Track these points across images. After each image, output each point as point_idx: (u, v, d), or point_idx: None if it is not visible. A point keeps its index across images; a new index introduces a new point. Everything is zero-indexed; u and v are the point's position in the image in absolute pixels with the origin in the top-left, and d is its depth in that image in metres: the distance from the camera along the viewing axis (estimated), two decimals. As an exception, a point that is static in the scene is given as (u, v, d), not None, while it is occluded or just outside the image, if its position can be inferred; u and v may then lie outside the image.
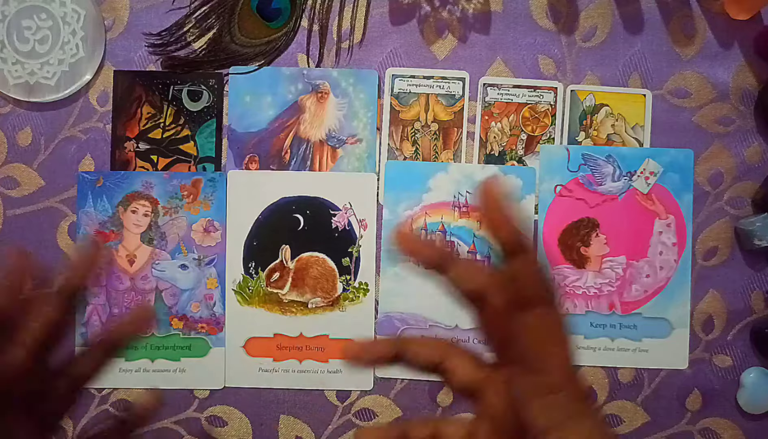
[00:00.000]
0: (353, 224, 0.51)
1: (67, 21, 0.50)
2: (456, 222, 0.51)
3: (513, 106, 0.52)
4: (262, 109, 0.51)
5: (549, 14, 0.52)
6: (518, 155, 0.52)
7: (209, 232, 0.51)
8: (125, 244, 0.51)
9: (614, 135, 0.52)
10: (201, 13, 0.51)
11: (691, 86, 0.52)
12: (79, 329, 0.51)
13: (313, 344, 0.51)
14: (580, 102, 0.52)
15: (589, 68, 0.52)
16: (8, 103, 0.51)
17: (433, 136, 0.52)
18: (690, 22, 0.52)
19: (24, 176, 0.51)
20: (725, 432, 0.52)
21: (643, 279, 0.51)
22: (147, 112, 0.51)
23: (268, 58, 0.51)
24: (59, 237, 0.51)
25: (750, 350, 0.52)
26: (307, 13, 0.51)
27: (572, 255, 0.51)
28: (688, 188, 0.52)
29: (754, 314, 0.52)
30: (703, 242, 0.52)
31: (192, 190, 0.51)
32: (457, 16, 0.52)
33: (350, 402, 0.51)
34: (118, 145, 0.51)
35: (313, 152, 0.51)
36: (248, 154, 0.51)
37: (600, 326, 0.51)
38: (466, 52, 0.52)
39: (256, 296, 0.51)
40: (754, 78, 0.52)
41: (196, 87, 0.51)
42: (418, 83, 0.51)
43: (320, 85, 0.51)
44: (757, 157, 0.52)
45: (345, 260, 0.51)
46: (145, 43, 0.51)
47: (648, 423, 0.51)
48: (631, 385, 0.51)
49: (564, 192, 0.52)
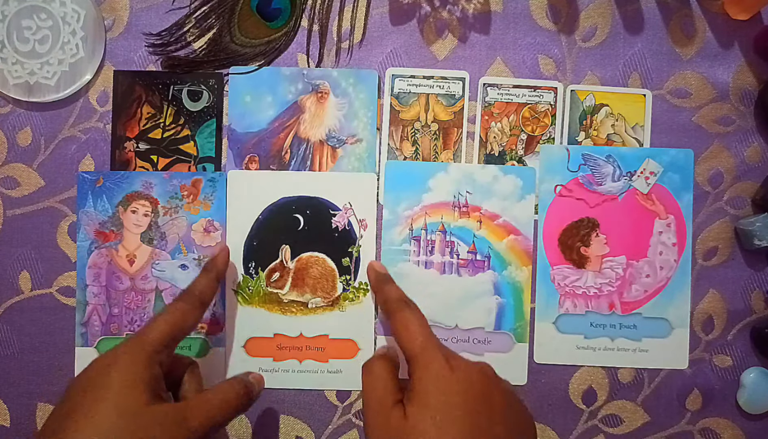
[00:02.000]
0: (353, 224, 0.51)
1: (67, 21, 0.50)
2: (456, 222, 0.51)
3: (513, 106, 0.52)
4: (262, 109, 0.51)
5: (549, 14, 0.52)
6: (518, 155, 0.52)
7: (209, 232, 0.51)
8: (125, 244, 0.51)
9: (614, 135, 0.52)
10: (201, 13, 0.51)
11: (691, 86, 0.52)
12: (79, 329, 0.51)
13: (313, 344, 0.51)
14: (580, 102, 0.52)
15: (589, 68, 0.52)
16: (8, 103, 0.51)
17: (433, 136, 0.52)
18: (690, 22, 0.52)
19: (24, 176, 0.51)
20: (725, 432, 0.52)
21: (643, 279, 0.51)
22: (147, 112, 0.51)
23: (268, 58, 0.51)
24: (59, 237, 0.51)
25: (750, 350, 0.52)
26: (307, 13, 0.51)
27: (572, 255, 0.51)
28: (688, 188, 0.52)
29: (754, 314, 0.52)
30: (703, 242, 0.52)
31: (192, 190, 0.51)
32: (457, 16, 0.52)
33: (350, 402, 0.51)
34: (118, 145, 0.51)
35: (313, 152, 0.51)
36: (248, 154, 0.51)
37: (600, 326, 0.51)
38: (466, 52, 0.52)
39: (256, 296, 0.51)
40: (754, 78, 0.52)
41: (196, 87, 0.51)
42: (418, 83, 0.51)
43: (320, 85, 0.51)
44: (757, 157, 0.52)
45: (345, 260, 0.51)
46: (145, 43, 0.51)
47: (648, 423, 0.52)
48: (631, 385, 0.51)
49: (564, 192, 0.52)
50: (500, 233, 0.51)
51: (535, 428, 0.39)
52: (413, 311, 0.41)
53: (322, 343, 0.51)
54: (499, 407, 0.37)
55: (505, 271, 0.51)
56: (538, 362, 0.51)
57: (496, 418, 0.36)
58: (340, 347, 0.51)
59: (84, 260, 0.51)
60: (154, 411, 0.37)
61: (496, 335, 0.51)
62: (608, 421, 0.52)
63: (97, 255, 0.51)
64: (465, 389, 0.36)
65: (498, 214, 0.51)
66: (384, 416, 0.37)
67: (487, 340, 0.51)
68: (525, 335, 0.51)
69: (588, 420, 0.52)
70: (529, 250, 0.51)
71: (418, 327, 0.40)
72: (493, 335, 0.51)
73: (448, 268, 0.51)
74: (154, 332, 0.40)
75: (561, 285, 0.51)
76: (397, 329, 0.41)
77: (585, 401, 0.52)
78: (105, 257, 0.51)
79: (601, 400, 0.51)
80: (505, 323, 0.51)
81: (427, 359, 0.38)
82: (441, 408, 0.35)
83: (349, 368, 0.51)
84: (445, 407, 0.35)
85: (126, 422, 0.35)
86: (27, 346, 0.51)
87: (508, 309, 0.51)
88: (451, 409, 0.35)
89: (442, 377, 0.37)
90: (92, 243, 0.51)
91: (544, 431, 0.51)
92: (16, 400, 0.51)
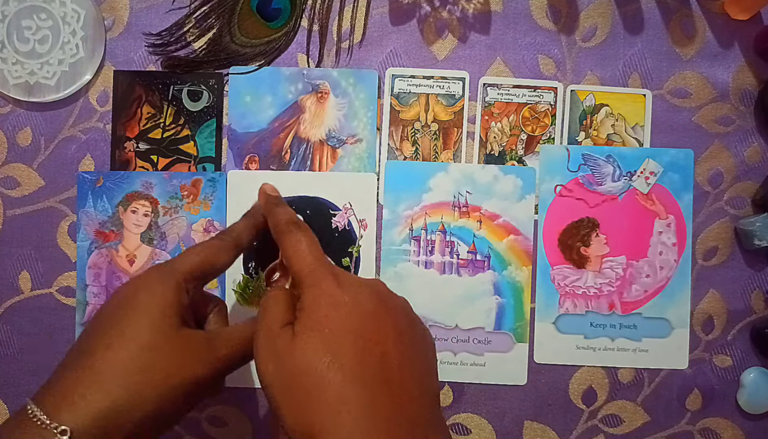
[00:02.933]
0: (353, 224, 0.51)
1: (67, 21, 0.50)
2: (456, 222, 0.51)
3: (513, 106, 0.52)
4: (262, 109, 0.51)
5: (549, 14, 0.52)
6: (518, 155, 0.52)
7: (209, 232, 0.51)
8: (125, 244, 0.51)
9: (614, 135, 0.52)
10: (201, 13, 0.51)
11: (691, 86, 0.52)
12: (79, 329, 0.51)
13: (313, 344, 0.51)
14: (580, 102, 0.52)
15: (589, 68, 0.52)
16: (8, 103, 0.51)
17: (433, 136, 0.52)
18: (690, 22, 0.52)
19: (24, 176, 0.51)
20: (725, 432, 0.52)
21: (643, 279, 0.51)
22: (147, 112, 0.51)
23: (268, 58, 0.51)
24: (59, 237, 0.51)
25: (750, 350, 0.52)
26: (307, 13, 0.51)
27: (572, 255, 0.51)
28: (688, 188, 0.52)
29: (754, 314, 0.52)
30: (703, 242, 0.52)
31: (192, 190, 0.51)
32: (457, 16, 0.52)
33: (350, 402, 0.51)
34: (118, 145, 0.51)
35: (313, 152, 0.51)
36: (248, 154, 0.51)
37: (600, 326, 0.51)
38: (466, 52, 0.52)
39: (256, 296, 0.51)
40: (754, 78, 0.52)
41: (196, 87, 0.51)
42: (418, 83, 0.51)
43: (320, 85, 0.51)
44: (757, 157, 0.52)
45: (345, 260, 0.51)
46: (145, 43, 0.51)
47: (648, 423, 0.52)
48: (631, 385, 0.51)
49: (564, 192, 0.52)
50: (500, 233, 0.51)
51: (434, 345, 0.38)
52: (304, 233, 0.39)
53: (322, 343, 0.51)
54: (391, 325, 0.35)
55: (505, 271, 0.51)
56: (538, 362, 0.51)
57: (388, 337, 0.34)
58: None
59: (84, 260, 0.51)
60: (184, 335, 0.36)
61: (496, 335, 0.51)
62: (608, 421, 0.52)
63: (97, 255, 0.51)
64: (354, 306, 0.34)
65: (498, 214, 0.51)
66: (271, 339, 0.35)
67: (487, 340, 0.51)
68: (525, 335, 0.51)
69: (588, 420, 0.52)
70: (529, 250, 0.51)
71: (307, 247, 0.38)
72: (493, 335, 0.51)
73: (448, 268, 0.51)
74: (184, 262, 0.39)
75: (561, 285, 0.51)
76: (286, 252, 0.39)
77: (585, 401, 0.52)
78: (105, 257, 0.51)
79: (601, 400, 0.51)
80: (505, 323, 0.51)
81: (316, 278, 0.36)
82: (330, 325, 0.33)
83: None
84: (334, 323, 0.34)
85: (158, 341, 0.35)
86: (27, 346, 0.51)
87: (508, 309, 0.51)
88: (340, 326, 0.34)
89: (331, 295, 0.35)
90: (92, 243, 0.51)
91: (544, 431, 0.51)
92: (16, 400, 0.51)
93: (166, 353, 0.35)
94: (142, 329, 0.35)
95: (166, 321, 0.36)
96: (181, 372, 0.35)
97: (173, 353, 0.35)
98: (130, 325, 0.36)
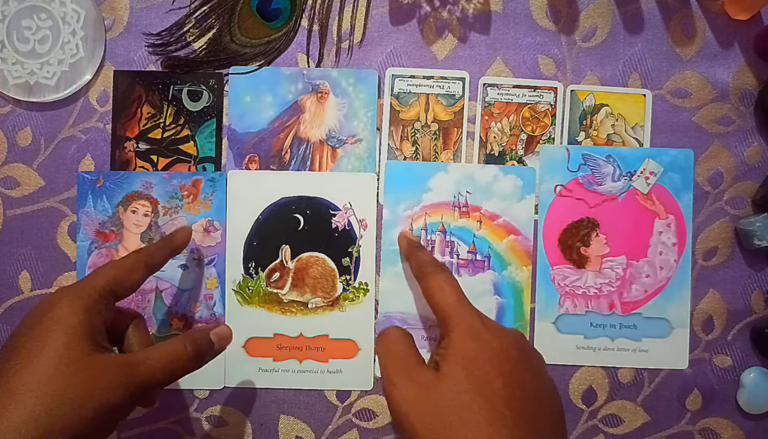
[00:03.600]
0: (353, 224, 0.51)
1: (67, 21, 0.50)
2: (456, 222, 0.51)
3: (513, 106, 0.52)
4: (262, 109, 0.51)
5: (549, 14, 0.52)
6: (518, 155, 0.52)
7: (209, 232, 0.51)
8: (125, 244, 0.51)
9: (614, 135, 0.52)
10: (201, 13, 0.51)
11: (691, 86, 0.52)
12: (79, 329, 0.51)
13: (313, 344, 0.51)
14: (580, 102, 0.52)
15: (589, 68, 0.52)
16: (8, 103, 0.51)
17: (433, 136, 0.52)
18: (690, 22, 0.52)
19: (24, 176, 0.51)
20: (725, 432, 0.52)
21: (643, 279, 0.51)
22: (147, 112, 0.51)
23: (268, 58, 0.51)
24: (59, 237, 0.51)
25: (750, 350, 0.52)
26: (307, 13, 0.51)
27: (572, 255, 0.51)
28: (688, 188, 0.52)
29: (754, 314, 0.52)
30: (703, 242, 0.52)
31: (192, 190, 0.51)
32: (457, 16, 0.52)
33: (350, 402, 0.51)
34: (118, 145, 0.51)
35: (313, 152, 0.51)
36: (248, 154, 0.51)
37: (600, 326, 0.51)
38: (466, 52, 0.52)
39: (256, 296, 0.51)
40: (754, 78, 0.52)
41: (196, 87, 0.51)
42: (418, 83, 0.51)
43: (320, 85, 0.51)
44: (757, 157, 0.52)
45: (345, 260, 0.51)
46: (145, 43, 0.51)
47: (648, 423, 0.52)
48: (631, 385, 0.51)
49: (564, 192, 0.52)
50: (500, 232, 0.51)
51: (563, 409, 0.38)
52: (447, 274, 0.41)
53: (322, 343, 0.51)
54: (533, 377, 0.36)
55: (505, 271, 0.51)
56: (538, 362, 0.51)
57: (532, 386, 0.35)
58: (340, 347, 0.51)
59: (84, 260, 0.51)
60: (95, 360, 0.35)
61: (496, 335, 0.51)
62: (608, 421, 0.52)
63: (97, 255, 0.51)
64: (502, 351, 0.36)
65: (498, 214, 0.51)
66: (409, 374, 0.36)
67: (487, 340, 0.51)
68: (525, 335, 0.51)
69: (588, 420, 0.52)
70: (529, 250, 0.51)
71: (451, 287, 0.39)
72: (493, 335, 0.51)
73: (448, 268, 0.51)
74: (95, 282, 0.38)
75: (561, 285, 0.51)
76: (430, 291, 0.40)
77: (585, 401, 0.52)
78: (105, 257, 0.51)
79: (601, 400, 0.51)
80: (505, 323, 0.51)
81: (461, 316, 0.37)
82: (479, 366, 0.35)
83: (349, 368, 0.51)
84: (484, 365, 0.35)
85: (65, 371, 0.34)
86: (27, 346, 0.51)
87: (508, 309, 0.51)
88: (490, 369, 0.35)
89: (478, 334, 0.36)
90: (92, 243, 0.51)
91: (544, 431, 0.51)
92: (16, 400, 0.51)
93: (74, 383, 0.34)
94: (49, 358, 0.34)
95: (74, 348, 0.35)
96: (91, 402, 0.34)
97: (83, 382, 0.34)
98: (37, 355, 0.34)
